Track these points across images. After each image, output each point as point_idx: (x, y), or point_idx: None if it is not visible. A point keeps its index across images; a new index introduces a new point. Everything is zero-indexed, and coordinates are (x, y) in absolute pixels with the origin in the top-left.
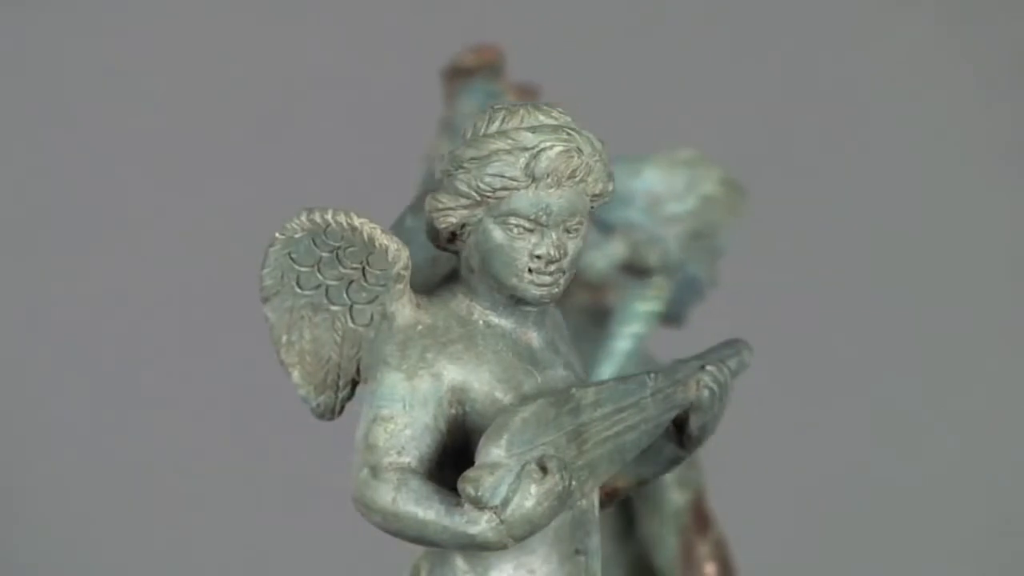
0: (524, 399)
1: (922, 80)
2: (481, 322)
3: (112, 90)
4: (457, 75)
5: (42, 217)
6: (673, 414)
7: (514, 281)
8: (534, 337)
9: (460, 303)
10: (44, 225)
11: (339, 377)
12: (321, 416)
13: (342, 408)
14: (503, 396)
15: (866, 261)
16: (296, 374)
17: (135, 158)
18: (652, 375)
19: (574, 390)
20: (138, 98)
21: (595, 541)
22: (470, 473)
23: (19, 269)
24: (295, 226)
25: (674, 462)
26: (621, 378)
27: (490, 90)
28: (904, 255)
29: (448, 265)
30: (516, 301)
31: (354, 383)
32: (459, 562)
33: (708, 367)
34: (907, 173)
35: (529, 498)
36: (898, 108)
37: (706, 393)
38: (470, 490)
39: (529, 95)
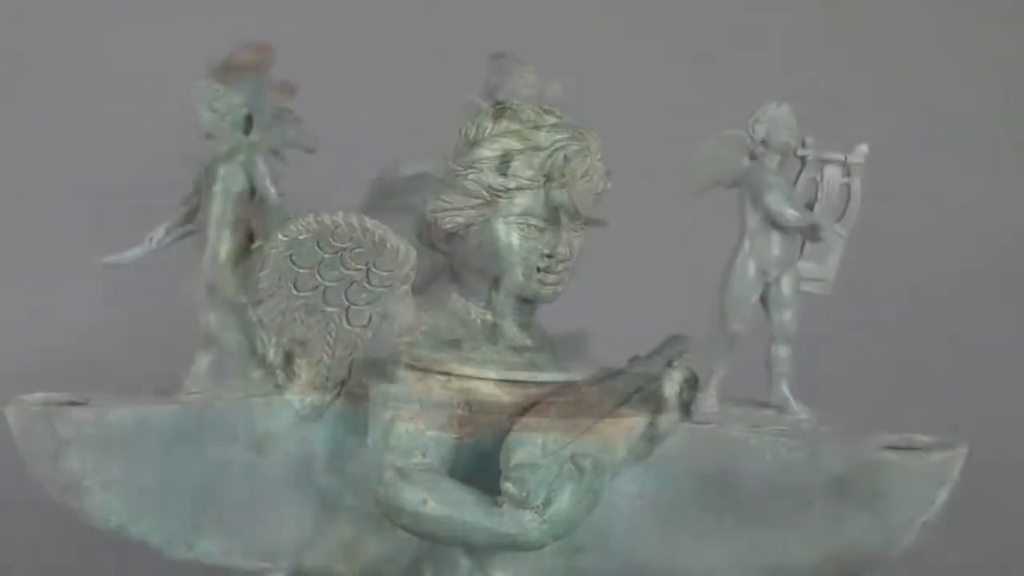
0: (537, 398)
1: (922, 80)
2: (479, 321)
3: (112, 90)
4: (228, 72)
5: (42, 217)
6: (650, 410)
7: (522, 280)
8: (528, 336)
9: (456, 303)
10: (45, 224)
11: (328, 379)
12: (307, 418)
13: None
14: (506, 396)
15: (866, 260)
16: (284, 376)
17: (135, 157)
18: (636, 374)
19: (582, 388)
20: (138, 98)
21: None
22: (513, 474)
23: (18, 267)
24: (300, 227)
25: (641, 459)
26: (612, 375)
27: (256, 88)
28: (904, 254)
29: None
30: (514, 300)
31: (342, 384)
32: (464, 561)
33: (674, 363)
34: (907, 172)
35: (570, 497)
36: (898, 107)
37: (678, 390)
38: (514, 491)
39: (288, 92)
